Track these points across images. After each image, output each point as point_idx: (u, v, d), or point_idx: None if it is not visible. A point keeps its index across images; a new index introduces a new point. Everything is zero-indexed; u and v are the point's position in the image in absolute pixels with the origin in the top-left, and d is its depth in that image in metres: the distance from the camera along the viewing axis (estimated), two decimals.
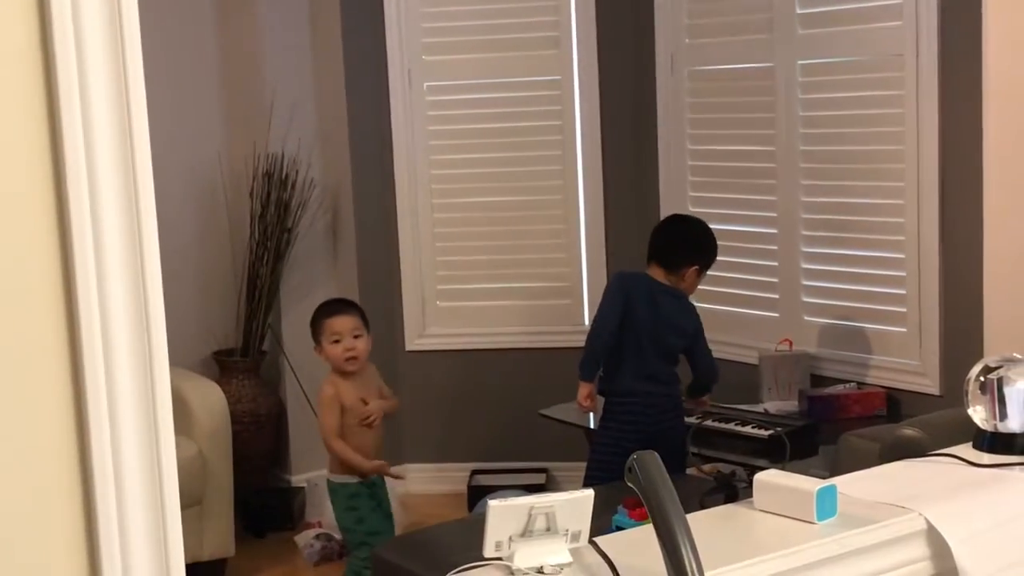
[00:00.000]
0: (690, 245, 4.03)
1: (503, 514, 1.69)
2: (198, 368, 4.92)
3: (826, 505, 1.91)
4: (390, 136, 5.20)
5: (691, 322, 4.01)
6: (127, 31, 1.31)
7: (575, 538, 1.73)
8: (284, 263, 5.12)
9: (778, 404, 4.39)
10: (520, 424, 5.10)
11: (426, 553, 3.37)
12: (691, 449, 3.94)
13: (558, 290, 5.25)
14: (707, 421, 4.13)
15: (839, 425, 3.92)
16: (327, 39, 5.12)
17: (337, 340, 3.88)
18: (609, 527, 3.13)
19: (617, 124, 5.18)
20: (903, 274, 4.26)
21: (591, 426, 4.32)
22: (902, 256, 4.25)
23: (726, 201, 4.86)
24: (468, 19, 5.16)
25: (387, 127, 5.19)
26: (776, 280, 4.71)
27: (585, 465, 4.11)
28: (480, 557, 1.72)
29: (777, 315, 4.72)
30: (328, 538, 4.64)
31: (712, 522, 1.98)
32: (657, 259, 4.00)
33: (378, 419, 3.95)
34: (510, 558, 1.70)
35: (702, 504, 2.50)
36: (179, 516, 1.41)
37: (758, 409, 4.33)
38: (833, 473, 2.49)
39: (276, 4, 5.13)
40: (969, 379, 2.24)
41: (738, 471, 3.55)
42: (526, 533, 1.70)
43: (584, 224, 5.21)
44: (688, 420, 4.10)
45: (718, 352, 4.75)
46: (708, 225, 4.16)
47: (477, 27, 5.16)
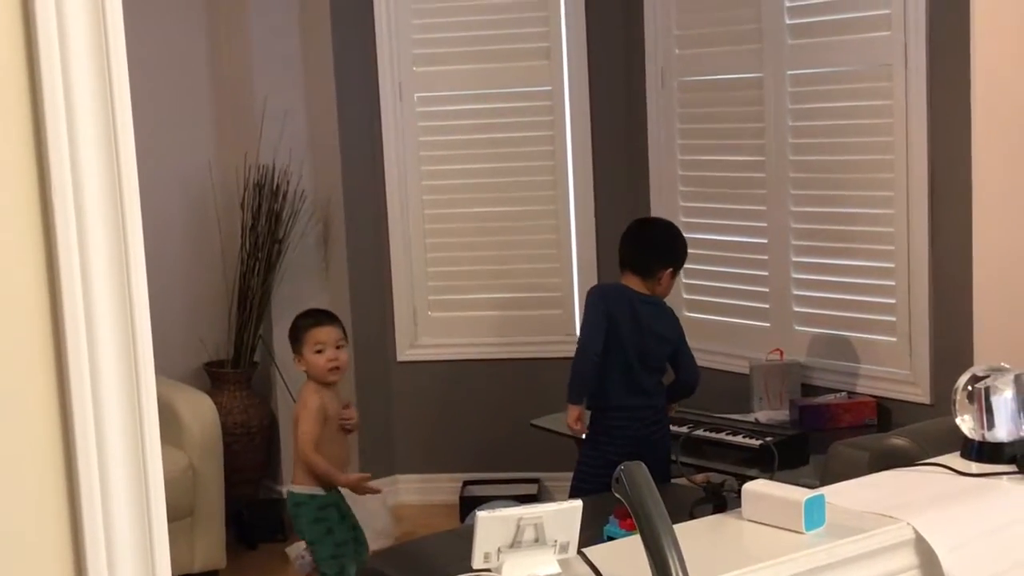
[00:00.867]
0: (661, 248, 4.02)
1: (491, 525, 1.69)
2: (189, 379, 4.92)
3: (814, 515, 1.92)
4: (381, 147, 5.21)
5: (673, 327, 4.00)
6: (112, 42, 1.31)
7: (563, 549, 1.73)
8: (275, 274, 5.12)
9: (769, 414, 4.40)
10: (512, 434, 5.10)
11: (418, 564, 3.37)
12: (681, 459, 3.95)
13: (549, 300, 5.25)
14: (697, 431, 4.13)
15: (829, 434, 3.92)
16: (318, 50, 5.12)
17: (320, 350, 3.86)
18: (600, 537, 3.13)
19: (608, 134, 5.19)
20: (893, 284, 4.26)
21: (582, 436, 4.32)
22: (892, 266, 4.26)
23: (716, 211, 4.87)
24: (459, 30, 5.17)
25: (378, 138, 5.20)
26: (767, 290, 4.72)
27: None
28: (469, 570, 1.72)
29: (768, 325, 4.73)
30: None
31: (701, 532, 1.98)
32: (631, 267, 3.99)
33: (355, 425, 3.97)
34: (499, 569, 1.70)
35: (691, 514, 2.51)
36: (166, 528, 1.41)
37: (748, 419, 4.33)
38: (823, 482, 2.49)
39: (267, 15, 5.14)
40: (957, 389, 2.25)
41: (729, 481, 3.55)
42: (515, 544, 1.70)
43: (575, 234, 5.22)
44: (678, 430, 4.11)
45: (708, 362, 4.76)
46: (674, 224, 4.18)
47: (468, 38, 5.17)
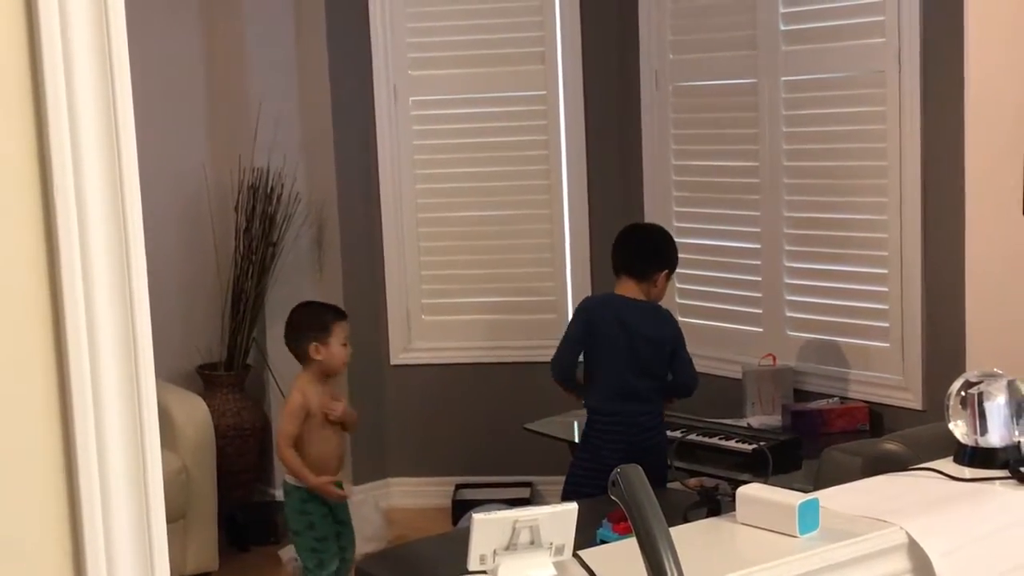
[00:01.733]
0: (656, 251, 4.05)
1: (488, 527, 1.69)
2: (182, 382, 4.91)
3: (808, 519, 1.92)
4: (375, 150, 5.21)
5: (668, 330, 3.99)
6: (115, 43, 1.32)
7: (559, 551, 1.74)
8: (269, 277, 5.12)
9: (761, 418, 4.41)
10: (505, 438, 5.10)
11: (410, 567, 3.37)
12: (675, 463, 3.95)
13: (543, 304, 5.26)
14: (691, 435, 4.14)
15: (822, 439, 3.93)
16: (312, 53, 5.13)
17: (345, 344, 3.93)
18: (593, 541, 3.14)
19: (602, 139, 5.20)
20: (886, 289, 4.28)
21: (576, 440, 4.33)
22: (885, 271, 4.28)
23: (710, 216, 4.88)
24: (454, 34, 5.18)
25: (372, 141, 5.20)
26: (760, 295, 4.73)
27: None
28: (465, 570, 1.72)
29: (760, 330, 4.74)
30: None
31: (695, 535, 1.99)
32: (627, 271, 4.01)
33: (339, 417, 3.96)
34: (494, 571, 1.71)
35: (685, 518, 2.51)
36: (165, 531, 1.41)
37: (741, 423, 4.34)
38: (816, 487, 2.50)
39: (261, 17, 5.14)
40: (950, 394, 2.26)
41: (722, 485, 3.56)
42: (510, 546, 1.70)
43: (569, 239, 5.23)
44: (672, 435, 4.11)
45: (701, 366, 4.75)
46: (665, 228, 4.25)
47: (463, 42, 5.17)
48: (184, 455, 4.30)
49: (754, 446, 3.97)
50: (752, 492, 2.00)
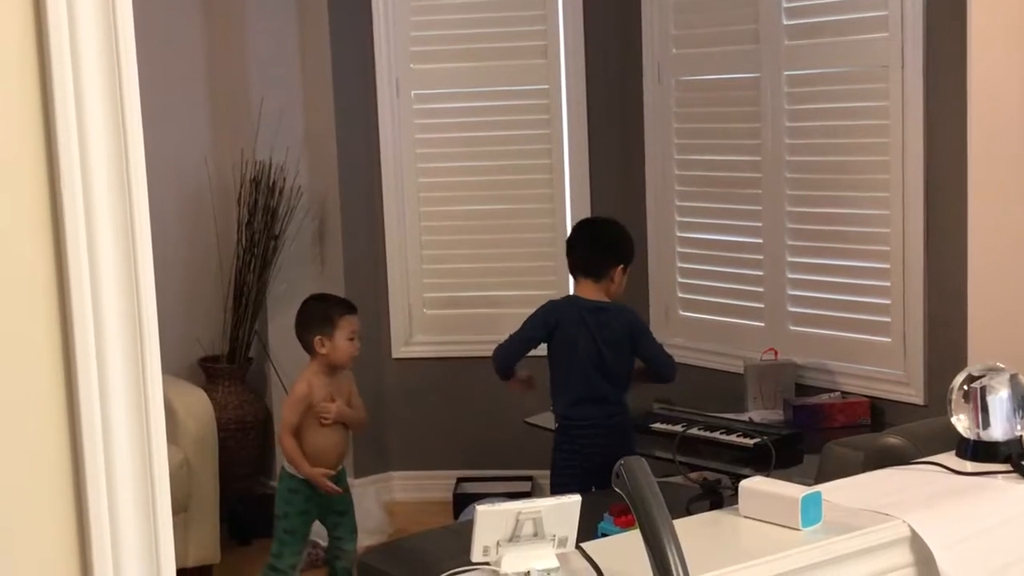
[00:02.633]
0: (608, 246, 4.01)
1: (491, 519, 1.70)
2: (184, 375, 4.92)
3: (811, 512, 1.93)
4: (377, 144, 5.21)
5: (623, 329, 3.95)
6: (122, 38, 1.32)
7: (562, 543, 1.74)
8: (271, 270, 5.12)
9: (763, 413, 4.41)
10: (506, 432, 5.10)
11: (411, 560, 3.38)
12: (677, 458, 3.96)
13: (544, 298, 5.23)
14: (692, 430, 4.14)
15: (823, 434, 3.93)
16: (315, 46, 5.13)
17: (352, 338, 3.94)
18: (594, 534, 3.14)
19: (604, 133, 5.20)
20: (888, 284, 4.28)
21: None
22: (887, 266, 4.27)
23: (712, 210, 4.88)
24: (456, 28, 5.18)
25: (375, 135, 5.20)
26: (761, 289, 4.73)
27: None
28: (466, 564, 1.73)
29: (762, 324, 4.74)
30: (313, 545, 4.63)
31: (698, 528, 1.99)
32: (583, 271, 3.99)
33: (333, 419, 3.97)
34: (498, 563, 1.71)
35: (688, 511, 2.52)
36: (170, 523, 1.42)
37: (743, 418, 4.34)
38: (817, 481, 2.51)
39: (264, 11, 5.14)
40: (953, 388, 2.26)
41: (724, 479, 3.56)
42: (513, 538, 1.71)
43: (570, 233, 5.22)
44: (674, 429, 4.12)
45: (702, 361, 4.78)
46: (617, 220, 4.17)
47: (465, 36, 5.17)
48: (186, 448, 4.31)
49: (756, 440, 3.97)
50: (755, 485, 2.01)
